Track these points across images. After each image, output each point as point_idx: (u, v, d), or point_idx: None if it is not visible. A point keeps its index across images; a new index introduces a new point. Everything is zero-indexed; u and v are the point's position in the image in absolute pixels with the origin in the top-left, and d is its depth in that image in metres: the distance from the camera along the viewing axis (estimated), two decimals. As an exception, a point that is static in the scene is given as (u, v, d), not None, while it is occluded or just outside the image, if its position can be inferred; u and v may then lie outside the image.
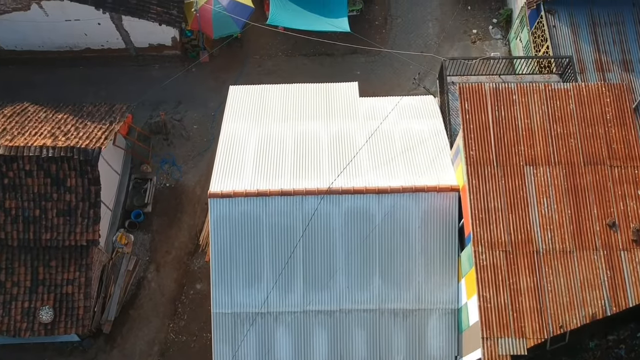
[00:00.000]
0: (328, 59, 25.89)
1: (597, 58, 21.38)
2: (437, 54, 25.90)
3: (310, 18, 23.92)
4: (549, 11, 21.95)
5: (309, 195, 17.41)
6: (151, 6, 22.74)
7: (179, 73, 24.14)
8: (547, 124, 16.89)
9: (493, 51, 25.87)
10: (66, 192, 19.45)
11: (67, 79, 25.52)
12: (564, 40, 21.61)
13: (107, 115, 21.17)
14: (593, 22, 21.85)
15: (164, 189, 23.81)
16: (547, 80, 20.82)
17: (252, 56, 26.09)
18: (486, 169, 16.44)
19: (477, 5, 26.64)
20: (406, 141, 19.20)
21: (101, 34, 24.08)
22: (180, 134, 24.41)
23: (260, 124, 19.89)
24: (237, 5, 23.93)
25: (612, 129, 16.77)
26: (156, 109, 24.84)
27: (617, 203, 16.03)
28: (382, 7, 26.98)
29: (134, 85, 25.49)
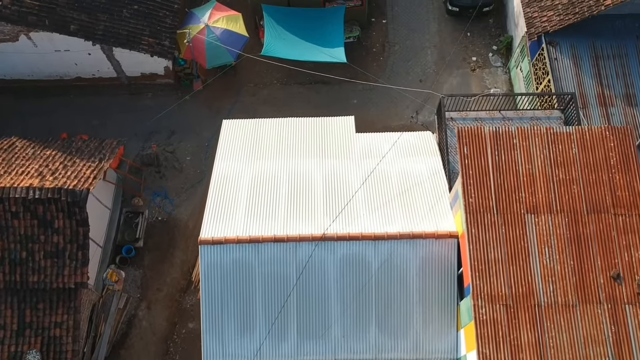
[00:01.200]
0: (324, 88, 25.34)
1: (599, 92, 20.83)
2: (436, 82, 25.49)
3: (306, 48, 23.36)
4: (550, 43, 21.40)
5: (303, 241, 16.86)
6: (142, 37, 22.19)
7: (172, 106, 23.62)
8: (549, 169, 16.35)
9: (493, 79, 25.32)
10: (54, 233, 18.88)
11: (57, 107, 24.97)
12: (566, 74, 21.06)
13: (96, 151, 20.61)
14: (595, 54, 21.30)
15: (156, 223, 23.24)
16: (548, 117, 20.27)
17: (247, 84, 25.54)
18: (486, 217, 15.89)
19: (476, 32, 26.08)
20: (403, 182, 18.65)
21: (92, 63, 23.54)
22: (173, 166, 23.86)
23: (253, 163, 19.35)
24: (231, 34, 23.37)
25: (616, 175, 16.22)
26: (148, 140, 24.29)
27: (622, 254, 15.49)
28: (380, 34, 26.42)
29: (126, 114, 24.97)
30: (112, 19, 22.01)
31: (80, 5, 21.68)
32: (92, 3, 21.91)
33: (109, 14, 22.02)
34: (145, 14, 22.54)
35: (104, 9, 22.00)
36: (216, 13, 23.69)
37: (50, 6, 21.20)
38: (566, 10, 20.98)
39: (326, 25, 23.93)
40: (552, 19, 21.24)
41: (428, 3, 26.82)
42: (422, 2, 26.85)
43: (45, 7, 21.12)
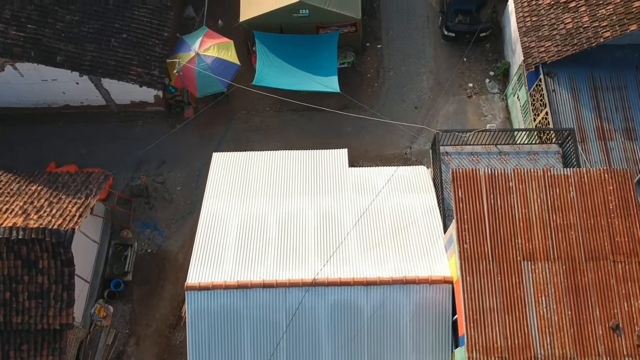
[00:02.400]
0: (317, 115, 24.82)
1: (598, 125, 20.36)
2: (432, 109, 25.00)
3: (299, 77, 22.86)
4: (548, 74, 20.93)
5: (293, 287, 16.40)
6: (131, 67, 21.70)
7: (163, 137, 23.08)
8: (546, 213, 15.88)
9: (489, 106, 24.83)
10: (38, 274, 18.38)
11: (46, 136, 24.48)
12: (564, 106, 20.59)
13: (83, 186, 20.11)
14: (594, 86, 20.82)
15: (145, 255, 22.74)
16: (546, 151, 19.78)
17: (239, 111, 25.04)
18: (481, 264, 15.42)
19: (473, 57, 25.59)
20: (397, 220, 18.19)
21: (80, 92, 23.06)
22: (163, 197, 23.37)
23: (243, 201, 18.90)
24: (222, 63, 22.88)
25: (615, 220, 15.75)
26: (138, 170, 23.81)
27: (621, 303, 15.02)
28: (375, 59, 25.93)
29: (115, 142, 24.48)
30: (99, 49, 21.51)
31: (67, 36, 21.19)
32: (80, 33, 21.43)
33: (97, 44, 21.53)
34: (134, 43, 22.04)
35: (91, 39, 21.52)
36: (207, 40, 23.21)
37: (36, 37, 20.72)
38: (564, 41, 20.50)
39: (320, 53, 23.45)
40: (550, 50, 20.76)
41: (424, 27, 26.32)
42: (418, 26, 26.34)
43: (31, 39, 20.64)
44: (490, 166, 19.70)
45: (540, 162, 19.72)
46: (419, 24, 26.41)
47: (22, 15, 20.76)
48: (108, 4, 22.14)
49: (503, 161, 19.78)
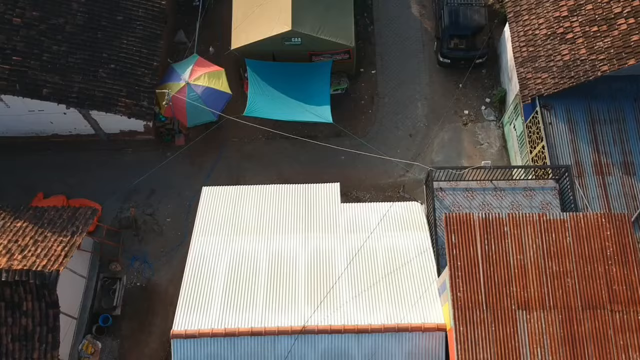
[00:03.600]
0: (311, 142, 24.33)
1: (596, 160, 19.93)
2: (426, 136, 24.61)
3: (291, 106, 22.43)
4: (545, 106, 20.51)
5: (282, 334, 15.95)
6: (119, 98, 21.26)
7: (153, 169, 22.71)
8: (542, 260, 15.44)
9: (485, 134, 24.41)
10: (22, 316, 17.94)
11: (34, 164, 24.03)
12: (561, 140, 20.17)
13: (69, 223, 19.67)
14: (592, 119, 20.40)
15: (134, 289, 22.31)
16: (542, 187, 19.36)
17: (231, 139, 24.60)
18: (475, 314, 14.98)
19: (469, 84, 25.16)
20: (390, 261, 17.76)
21: (68, 122, 22.64)
22: (152, 229, 22.93)
23: (232, 240, 18.47)
24: (213, 92, 22.46)
25: (612, 267, 15.31)
26: (127, 201, 23.38)
27: (619, 355, 14.59)
28: (369, 85, 25.50)
29: (105, 171, 24.05)
30: (87, 80, 21.09)
31: (53, 67, 20.75)
32: (67, 64, 20.99)
33: (84, 75, 21.10)
34: (123, 73, 21.61)
35: (78, 70, 21.08)
36: (197, 69, 22.79)
37: (21, 70, 20.27)
38: (561, 74, 20.08)
39: (312, 82, 23.02)
40: (546, 82, 20.34)
41: (418, 53, 25.89)
42: (413, 52, 25.91)
43: (16, 71, 20.20)
44: (485, 202, 19.30)
45: (536, 198, 19.30)
46: (414, 49, 25.98)
47: (8, 46, 20.31)
48: (96, 34, 21.70)
49: (498, 197, 19.36)
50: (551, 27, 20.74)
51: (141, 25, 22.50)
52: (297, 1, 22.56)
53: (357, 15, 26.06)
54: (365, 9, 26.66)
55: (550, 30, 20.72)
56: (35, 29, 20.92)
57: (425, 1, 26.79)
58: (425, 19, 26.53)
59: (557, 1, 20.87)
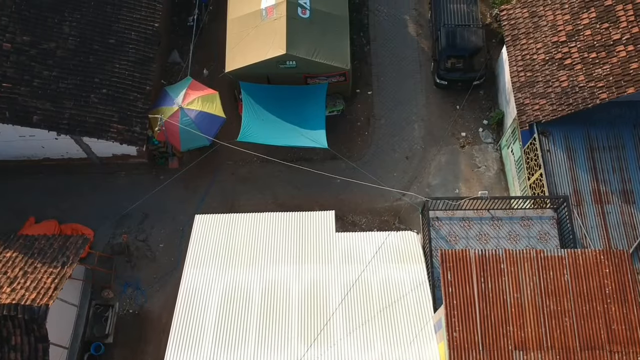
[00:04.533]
0: (306, 165, 23.95)
1: (595, 188, 19.61)
2: (423, 159, 24.31)
3: (285, 131, 22.12)
4: (543, 133, 20.20)
5: (275, 373, 15.64)
6: (111, 124, 20.96)
7: (147, 195, 22.45)
8: (539, 298, 15.16)
9: (483, 157, 24.10)
10: (10, 350, 17.63)
11: (26, 188, 23.72)
12: (559, 168, 19.85)
13: (60, 252, 19.35)
14: (591, 145, 20.08)
15: (126, 316, 21.99)
16: (540, 216, 19.07)
17: (225, 162, 24.27)
18: (471, 355, 14.71)
19: (466, 105, 24.83)
20: (385, 295, 17.49)
21: (60, 146, 22.33)
22: (145, 255, 22.61)
23: (225, 272, 18.21)
24: (206, 117, 22.15)
25: (611, 306, 15.03)
26: (119, 226, 23.06)
27: (618, 398, 14.30)
28: (365, 106, 25.18)
29: (98, 195, 23.75)
30: (78, 106, 20.77)
31: (44, 93, 20.44)
32: (57, 89, 20.68)
33: (76, 100, 20.78)
34: (115, 98, 21.30)
35: (70, 95, 20.77)
36: (191, 93, 22.47)
37: (11, 96, 19.96)
38: (559, 100, 19.77)
39: (307, 105, 22.70)
40: (544, 108, 20.03)
41: (415, 74, 25.57)
42: (409, 72, 25.59)
43: (6, 98, 19.88)
44: (482, 232, 19.01)
45: (534, 228, 19.01)
46: (411, 70, 25.66)
47: (-2, 72, 20.05)
48: (88, 58, 21.40)
49: (496, 227, 19.06)
50: (549, 52, 20.43)
51: (134, 49, 22.20)
52: (291, 24, 22.27)
53: (354, 35, 25.77)
54: (361, 29, 26.36)
55: (549, 55, 20.42)
56: (26, 54, 20.61)
57: (422, 20, 26.48)
58: (422, 39, 26.21)
59: (555, 26, 20.56)
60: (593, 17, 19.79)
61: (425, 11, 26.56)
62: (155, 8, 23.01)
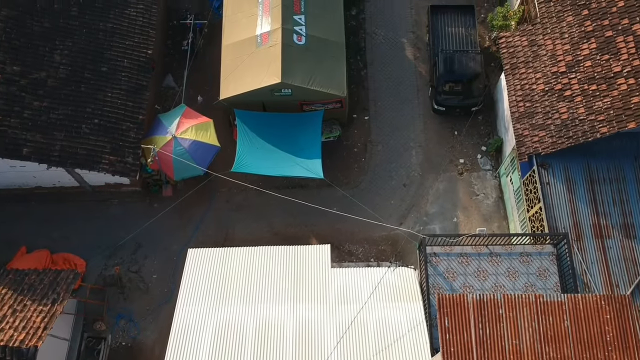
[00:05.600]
0: (302, 192, 23.73)
1: (595, 222, 19.25)
2: (421, 186, 23.95)
3: (281, 161, 21.72)
4: (542, 165, 19.84)
5: (268, 421, 15.27)
6: (103, 155, 20.60)
7: (142, 227, 22.19)
8: (538, 345, 14.80)
9: (482, 184, 23.73)
10: (-1, 392, 17.29)
11: (18, 216, 23.36)
12: (559, 201, 19.49)
13: (50, 289, 18.99)
14: (591, 178, 19.72)
15: (119, 349, 21.63)
16: (539, 252, 18.69)
17: (220, 189, 23.91)
18: (469, 404, 14.32)
19: (464, 131, 24.48)
20: (381, 336, 17.12)
21: (51, 176, 21.98)
22: (138, 287, 22.23)
23: (218, 310, 17.84)
24: (200, 146, 21.79)
25: (613, 354, 14.67)
26: (112, 256, 22.70)
27: None
28: (362, 132, 24.82)
29: (90, 223, 23.38)
30: (69, 137, 20.42)
31: (34, 124, 20.09)
32: (48, 120, 20.33)
33: (67, 132, 20.44)
34: (107, 128, 20.95)
35: (61, 126, 20.42)
36: (185, 121, 22.11)
37: (0, 129, 19.59)
38: (559, 133, 19.41)
39: (303, 133, 22.33)
40: (544, 140, 19.67)
41: (412, 98, 25.21)
42: (407, 97, 25.23)
43: (-5, 131, 19.56)
44: (480, 269, 18.63)
45: (533, 264, 18.64)
46: (408, 94, 25.30)
47: (-13, 104, 19.69)
48: (80, 87, 21.05)
49: (494, 263, 18.69)
50: (549, 82, 20.08)
51: (126, 77, 21.85)
52: (287, 51, 21.92)
53: (350, 58, 25.44)
54: (358, 52, 26.01)
55: (548, 86, 20.06)
56: (16, 85, 20.27)
57: (420, 43, 26.13)
58: (419, 62, 25.85)
59: (554, 55, 20.21)
60: (593, 48, 19.43)
61: (423, 34, 26.20)
62: (148, 34, 22.66)
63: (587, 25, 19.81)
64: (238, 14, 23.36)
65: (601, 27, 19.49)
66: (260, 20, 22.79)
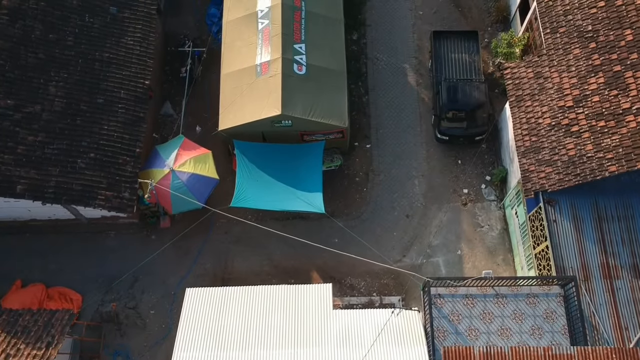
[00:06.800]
0: (302, 223, 23.28)
1: (603, 261, 18.77)
2: (424, 216, 23.49)
3: (281, 194, 21.27)
4: (549, 202, 19.37)
5: None
6: (99, 191, 20.14)
7: (141, 263, 21.76)
8: (548, 402, 14.32)
9: (486, 215, 23.28)
10: None
11: (12, 248, 22.87)
12: (566, 239, 19.01)
13: (44, 331, 18.53)
14: (599, 215, 19.24)
15: (116, 388, 21.18)
16: (546, 293, 18.21)
17: (218, 220, 23.38)
18: None
19: (468, 159, 24.02)
20: (385, 384, 16.62)
21: (46, 210, 21.45)
22: (135, 323, 21.75)
23: (216, 355, 17.34)
24: (199, 179, 21.33)
25: (624, 410, 14.19)
26: (109, 291, 22.22)
27: None
28: (363, 160, 24.34)
29: (86, 256, 22.91)
30: (64, 172, 19.95)
31: (29, 160, 19.62)
32: (43, 155, 19.86)
33: (62, 167, 19.96)
34: (103, 163, 20.49)
35: (56, 161, 19.95)
36: (183, 153, 21.64)
37: (-6, 165, 19.17)
38: (566, 170, 18.94)
39: (304, 166, 21.86)
40: (550, 177, 19.20)
41: (415, 126, 24.73)
42: (409, 124, 24.74)
43: (-12, 168, 19.09)
44: (486, 311, 18.14)
45: (540, 306, 18.16)
46: (411, 122, 24.82)
47: (-20, 141, 19.22)
48: (75, 120, 20.58)
49: (500, 305, 18.21)
50: (555, 117, 19.61)
51: (123, 108, 21.39)
52: (287, 81, 21.45)
53: (351, 84, 24.99)
54: (359, 78, 25.54)
55: (555, 120, 19.59)
56: (10, 119, 19.80)
57: (423, 69, 25.65)
58: (422, 89, 25.38)
59: (561, 89, 19.74)
60: (601, 82, 18.97)
61: (425, 60, 25.73)
62: (146, 64, 22.19)
63: (594, 59, 19.34)
64: (237, 42, 22.89)
65: (609, 62, 19.03)
66: (259, 49, 22.32)
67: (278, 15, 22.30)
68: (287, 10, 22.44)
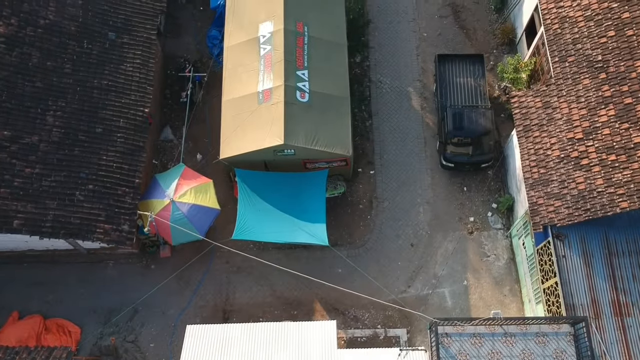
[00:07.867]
0: (305, 253, 22.85)
1: (614, 298, 18.35)
2: (429, 245, 23.05)
3: (283, 225, 20.81)
4: (558, 237, 18.93)
5: None
6: (97, 224, 19.69)
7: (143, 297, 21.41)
8: None
9: (492, 244, 22.84)
10: None
11: (9, 279, 22.44)
12: (576, 275, 18.59)
13: (41, 369, 18.06)
14: (609, 250, 18.81)
15: (115, 423, 20.74)
16: (556, 332, 17.76)
17: (219, 249, 22.91)
18: None
19: (473, 186, 23.59)
20: None
21: (44, 241, 20.90)
22: (135, 357, 21.29)
23: (218, 399, 16.89)
24: (199, 210, 20.89)
25: None
26: (108, 322, 21.74)
27: None
28: (367, 187, 23.89)
29: (85, 286, 22.50)
30: (62, 205, 19.50)
31: (25, 194, 19.17)
32: (40, 188, 19.41)
33: (59, 200, 19.52)
34: (101, 194, 20.04)
35: (53, 194, 19.50)
36: (183, 183, 21.19)
37: (-10, 200, 18.71)
38: (576, 204, 18.50)
39: (307, 195, 21.40)
40: (560, 211, 18.76)
41: (419, 151, 24.28)
42: (414, 150, 24.30)
43: (-16, 203, 18.64)
44: (494, 350, 17.68)
45: (550, 345, 17.70)
46: (415, 147, 24.37)
47: (-25, 174, 18.78)
48: (73, 151, 20.14)
49: (509, 344, 17.75)
50: (564, 149, 19.17)
51: (122, 137, 20.95)
52: (290, 109, 21.00)
53: (355, 109, 24.50)
54: (362, 102, 25.09)
55: (564, 152, 19.15)
56: (6, 151, 19.35)
57: (427, 93, 25.21)
58: (426, 113, 24.95)
59: (570, 120, 19.31)
60: (612, 115, 18.54)
61: (430, 83, 25.28)
62: (145, 91, 21.75)
63: (604, 90, 18.91)
64: (239, 68, 22.42)
65: (620, 93, 18.59)
66: (261, 75, 21.86)
67: (280, 41, 21.85)
68: (289, 36, 21.99)
